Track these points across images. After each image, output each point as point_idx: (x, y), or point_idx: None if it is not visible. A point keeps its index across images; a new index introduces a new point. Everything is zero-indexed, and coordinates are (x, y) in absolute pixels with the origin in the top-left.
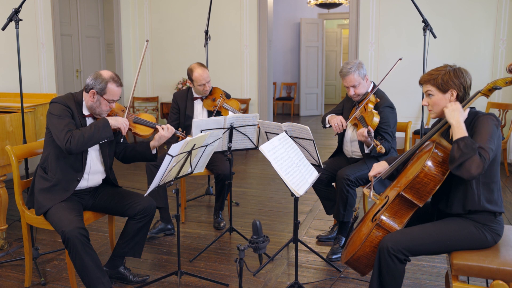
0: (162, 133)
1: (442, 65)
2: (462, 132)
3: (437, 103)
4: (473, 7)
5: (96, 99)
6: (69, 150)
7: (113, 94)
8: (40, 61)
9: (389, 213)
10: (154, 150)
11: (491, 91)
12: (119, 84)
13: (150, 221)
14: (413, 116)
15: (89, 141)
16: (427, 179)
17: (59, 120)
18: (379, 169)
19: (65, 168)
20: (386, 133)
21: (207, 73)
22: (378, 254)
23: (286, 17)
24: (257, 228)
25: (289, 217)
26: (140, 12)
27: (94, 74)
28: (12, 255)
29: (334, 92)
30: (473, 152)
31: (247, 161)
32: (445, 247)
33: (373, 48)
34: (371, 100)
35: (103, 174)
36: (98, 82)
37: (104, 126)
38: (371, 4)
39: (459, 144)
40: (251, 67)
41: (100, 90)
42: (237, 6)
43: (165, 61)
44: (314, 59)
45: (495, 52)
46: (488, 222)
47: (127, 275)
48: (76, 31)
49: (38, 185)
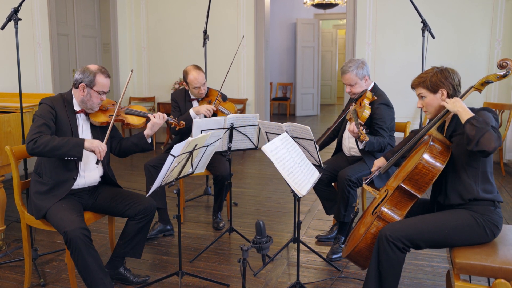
0: (155, 121)
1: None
2: (470, 113)
3: (430, 104)
4: (470, 7)
5: (86, 92)
6: (31, 149)
7: (103, 85)
8: (36, 61)
9: (390, 205)
10: (149, 139)
11: (483, 85)
12: (107, 75)
13: (150, 222)
14: (410, 116)
15: (54, 150)
16: (425, 170)
17: (37, 119)
18: (379, 165)
19: (60, 169)
20: (381, 128)
21: (203, 76)
22: (377, 243)
23: (282, 18)
24: (261, 228)
25: (288, 217)
26: (136, 12)
27: (81, 68)
28: (10, 256)
29: (329, 93)
30: (487, 126)
31: (244, 161)
32: (443, 237)
33: (370, 49)
34: (367, 96)
35: (100, 171)
36: (87, 75)
37: (76, 144)
38: (368, 5)
39: (472, 122)
40: (248, 67)
41: (90, 83)
42: (234, 6)
43: (162, 61)
44: (310, 60)
45: (491, 53)
46: (487, 212)
47: (127, 275)
48: (72, 31)
49: (35, 190)
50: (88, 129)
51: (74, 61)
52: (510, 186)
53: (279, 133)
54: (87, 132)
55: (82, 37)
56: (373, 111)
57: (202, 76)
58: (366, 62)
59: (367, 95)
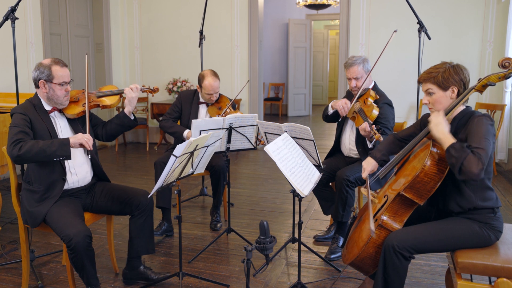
0: (131, 95)
1: (440, 62)
2: (449, 140)
3: (438, 101)
4: (461, 9)
5: (48, 87)
6: (16, 156)
7: (62, 76)
8: (29, 61)
9: (390, 213)
10: (131, 116)
11: (484, 87)
12: (63, 65)
13: (151, 216)
14: (404, 116)
15: (40, 152)
16: (428, 178)
17: (13, 129)
18: (369, 168)
19: (47, 173)
20: (386, 128)
21: (218, 84)
22: (384, 253)
23: (274, 18)
24: (265, 228)
25: (284, 217)
26: (129, 11)
27: (35, 66)
28: (6, 258)
29: (321, 93)
30: (464, 153)
31: (238, 161)
32: (449, 245)
33: (363, 49)
34: (371, 95)
35: (89, 165)
36: (42, 70)
37: (62, 143)
38: (362, 5)
39: (450, 152)
40: (242, 67)
41: (47, 76)
42: (228, 6)
43: (155, 61)
44: (302, 60)
45: (482, 53)
46: (488, 220)
47: (148, 273)
48: (65, 30)
49: (27, 198)
50: (66, 125)
51: (67, 61)
52: (502, 185)
53: (278, 134)
54: (66, 128)
55: (75, 37)
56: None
57: (217, 84)
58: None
59: (371, 93)
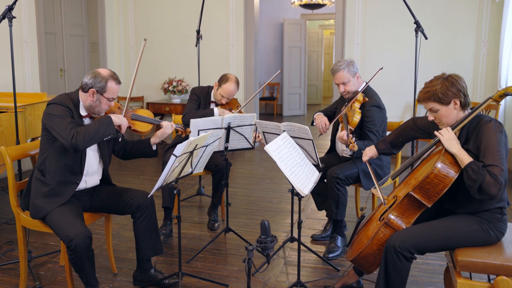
0: (165, 131)
1: (433, 78)
2: (466, 159)
3: (445, 115)
4: (456, 9)
5: (96, 98)
6: (76, 146)
7: (113, 92)
8: (24, 60)
9: (398, 213)
10: (154, 146)
11: (502, 97)
12: (118, 82)
13: (154, 216)
14: (399, 115)
15: (94, 136)
16: (437, 180)
17: (61, 119)
18: (370, 154)
19: (64, 171)
20: (370, 131)
21: (235, 93)
22: (385, 253)
23: (269, 18)
24: (266, 228)
25: (282, 216)
26: (124, 11)
27: (92, 73)
28: (3, 258)
29: (315, 93)
30: (482, 176)
31: (234, 161)
32: (450, 243)
33: (359, 49)
34: (358, 99)
35: (100, 175)
36: (98, 80)
37: (108, 123)
38: (357, 5)
39: (468, 173)
40: (238, 66)
41: (100, 89)
42: (224, 5)
43: (150, 60)
44: (297, 60)
45: (476, 54)
46: (494, 220)
47: (159, 277)
48: (60, 30)
49: (36, 188)
50: None
51: (61, 60)
52: None
53: (277, 133)
54: None
55: (69, 36)
56: (364, 113)
57: (235, 93)
58: (354, 61)
59: (358, 97)
